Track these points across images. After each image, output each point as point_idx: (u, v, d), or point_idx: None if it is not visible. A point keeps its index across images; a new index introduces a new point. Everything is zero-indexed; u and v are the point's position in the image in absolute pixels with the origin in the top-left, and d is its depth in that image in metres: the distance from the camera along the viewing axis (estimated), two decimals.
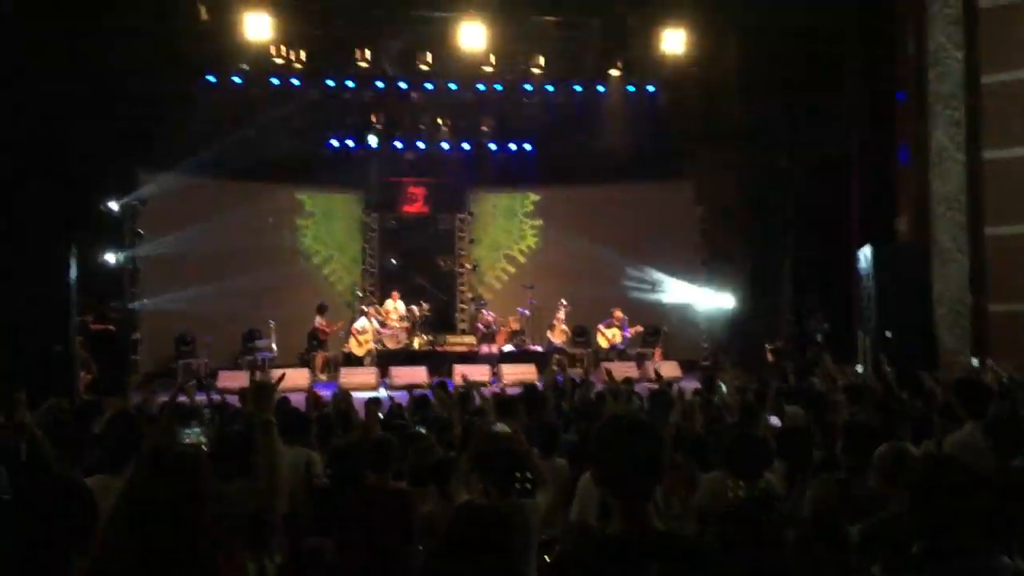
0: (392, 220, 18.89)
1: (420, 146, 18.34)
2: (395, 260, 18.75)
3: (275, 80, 16.51)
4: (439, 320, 18.13)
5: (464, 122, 18.32)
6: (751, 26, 15.54)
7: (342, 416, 7.25)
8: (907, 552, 2.66)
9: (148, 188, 16.13)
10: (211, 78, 16.08)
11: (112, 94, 13.98)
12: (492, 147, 18.62)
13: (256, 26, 14.32)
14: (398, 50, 16.54)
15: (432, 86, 17.36)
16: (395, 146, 18.22)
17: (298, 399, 8.30)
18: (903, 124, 13.91)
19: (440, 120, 18.18)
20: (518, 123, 18.28)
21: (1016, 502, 3.47)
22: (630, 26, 16.35)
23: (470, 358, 16.48)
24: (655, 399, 7.81)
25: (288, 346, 16.74)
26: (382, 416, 7.41)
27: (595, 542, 2.47)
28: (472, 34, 14.91)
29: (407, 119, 18.08)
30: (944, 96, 12.44)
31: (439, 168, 18.84)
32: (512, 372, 15.01)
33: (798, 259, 16.33)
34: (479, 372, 14.59)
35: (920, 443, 5.21)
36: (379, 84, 17.23)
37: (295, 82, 16.65)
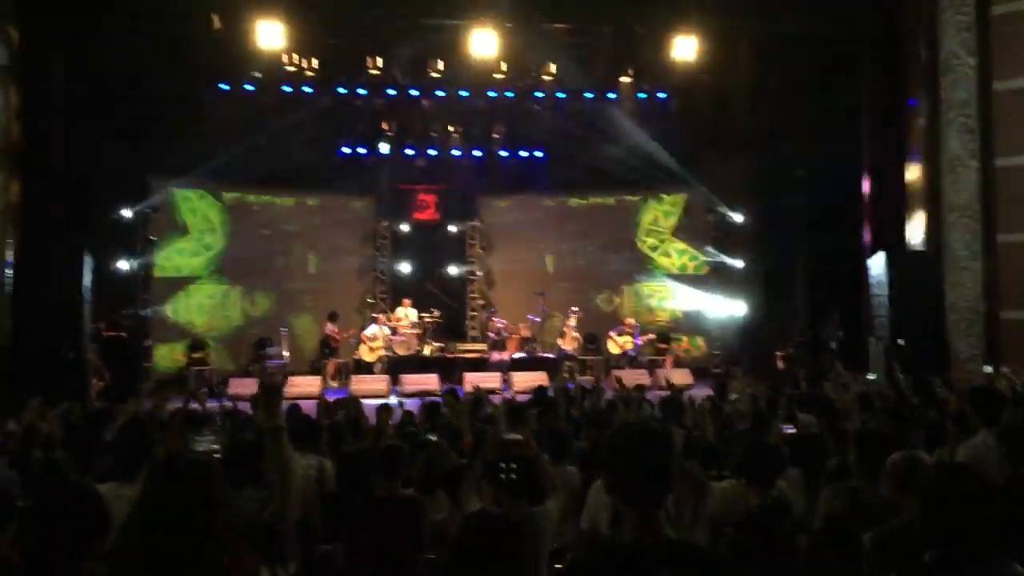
0: (403, 227, 18.88)
1: (431, 153, 18.37)
2: (406, 268, 18.74)
3: (287, 88, 16.58)
4: (450, 327, 18.13)
5: (475, 129, 18.34)
6: (762, 33, 15.55)
7: (352, 423, 7.26)
8: (919, 560, 2.64)
9: (159, 196, 16.24)
10: (224, 86, 16.20)
11: (124, 101, 14.07)
12: (503, 154, 18.63)
13: (268, 34, 14.36)
14: (409, 58, 16.59)
15: (443, 93, 17.41)
16: (406, 153, 18.24)
17: (309, 406, 8.31)
18: (915, 131, 13.87)
19: (451, 127, 18.21)
20: (529, 130, 18.29)
21: None
22: (641, 33, 16.36)
23: (481, 365, 16.46)
24: (666, 406, 7.79)
25: (299, 353, 16.79)
26: (393, 423, 7.42)
27: (606, 550, 2.46)
28: (483, 41, 14.92)
29: (418, 126, 18.12)
30: (956, 103, 12.40)
31: (450, 175, 18.83)
32: (523, 379, 14.91)
33: (809, 266, 16.30)
34: (490, 379, 14.55)
35: (933, 451, 5.19)
36: (390, 91, 17.27)
37: (307, 90, 16.71)
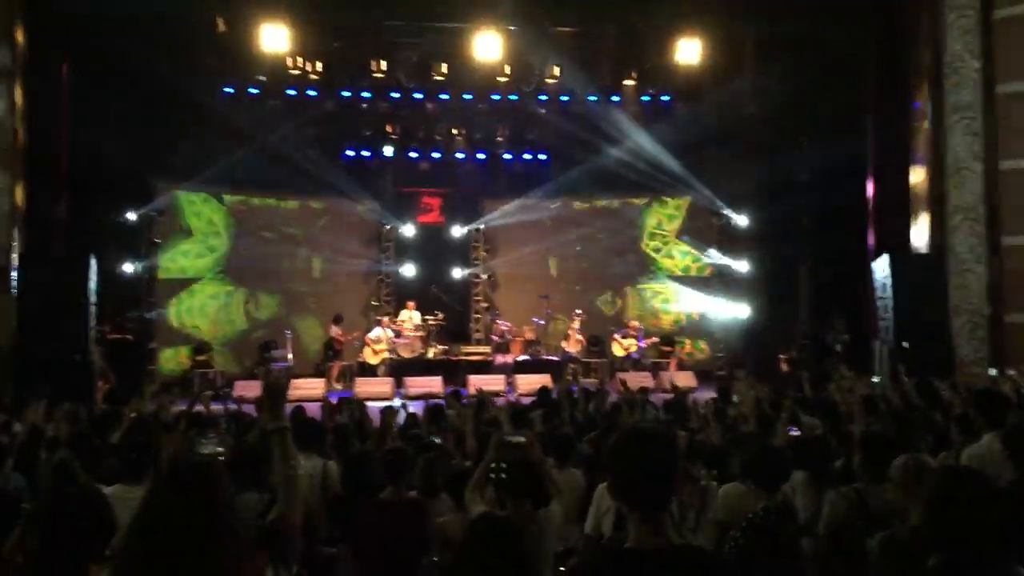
0: (407, 230, 18.86)
1: (435, 156, 18.40)
2: (411, 271, 18.74)
3: (291, 91, 16.62)
4: (454, 330, 18.13)
5: (479, 132, 18.36)
6: (766, 36, 15.54)
7: (357, 425, 7.26)
8: (924, 564, 2.64)
9: (164, 198, 16.27)
10: (228, 89, 16.22)
11: (129, 104, 14.09)
12: (507, 157, 18.63)
13: (273, 38, 14.41)
14: (413, 61, 16.61)
15: (447, 96, 17.42)
16: (410, 156, 18.26)
17: (314, 408, 8.33)
18: (919, 134, 13.84)
19: (455, 130, 18.23)
20: (533, 133, 18.30)
21: None
22: (645, 36, 16.38)
23: (485, 368, 16.46)
24: (670, 409, 7.79)
25: (304, 356, 16.81)
26: (397, 424, 7.42)
27: (611, 553, 2.46)
28: (487, 44, 14.95)
29: (422, 129, 18.15)
30: (960, 106, 12.39)
31: (454, 178, 18.85)
32: (527, 382, 14.86)
33: (813, 269, 16.28)
34: (494, 382, 14.57)
35: (938, 454, 5.18)
36: (394, 95, 17.30)
37: (311, 93, 16.75)
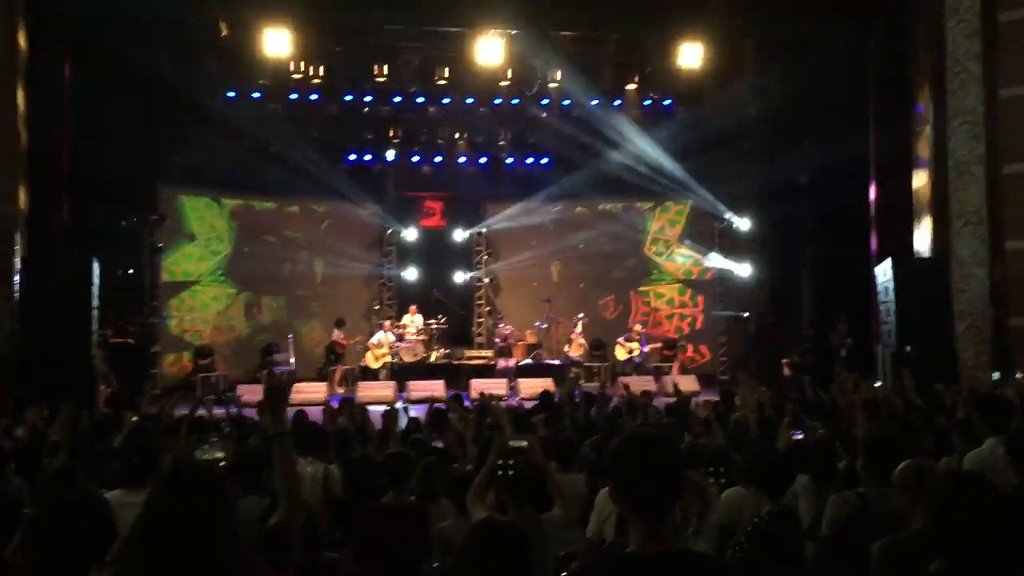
0: (409, 234, 18.87)
1: (437, 160, 18.43)
2: (413, 275, 18.74)
3: (294, 95, 16.66)
4: (456, 334, 18.12)
5: (481, 136, 18.39)
6: (767, 40, 15.54)
7: (359, 429, 7.26)
8: (926, 569, 2.63)
9: (167, 203, 16.28)
10: (231, 93, 16.25)
11: (132, 108, 14.09)
12: (509, 161, 18.65)
13: (275, 42, 14.42)
14: (415, 65, 16.65)
15: (449, 100, 17.43)
16: (412, 160, 18.29)
17: (316, 413, 8.32)
18: (922, 138, 13.82)
19: (457, 134, 18.27)
20: (535, 137, 18.32)
21: None
22: (646, 41, 16.40)
23: (487, 372, 16.45)
24: (673, 413, 7.78)
25: (306, 360, 16.81)
26: (400, 428, 7.42)
27: (613, 559, 2.46)
28: (489, 49, 14.95)
29: (424, 133, 18.18)
30: (963, 109, 12.38)
31: (456, 182, 18.87)
32: (529, 386, 14.86)
33: (816, 273, 16.25)
34: (496, 386, 14.56)
35: (940, 458, 5.17)
36: (397, 99, 17.33)
37: (314, 97, 16.79)
